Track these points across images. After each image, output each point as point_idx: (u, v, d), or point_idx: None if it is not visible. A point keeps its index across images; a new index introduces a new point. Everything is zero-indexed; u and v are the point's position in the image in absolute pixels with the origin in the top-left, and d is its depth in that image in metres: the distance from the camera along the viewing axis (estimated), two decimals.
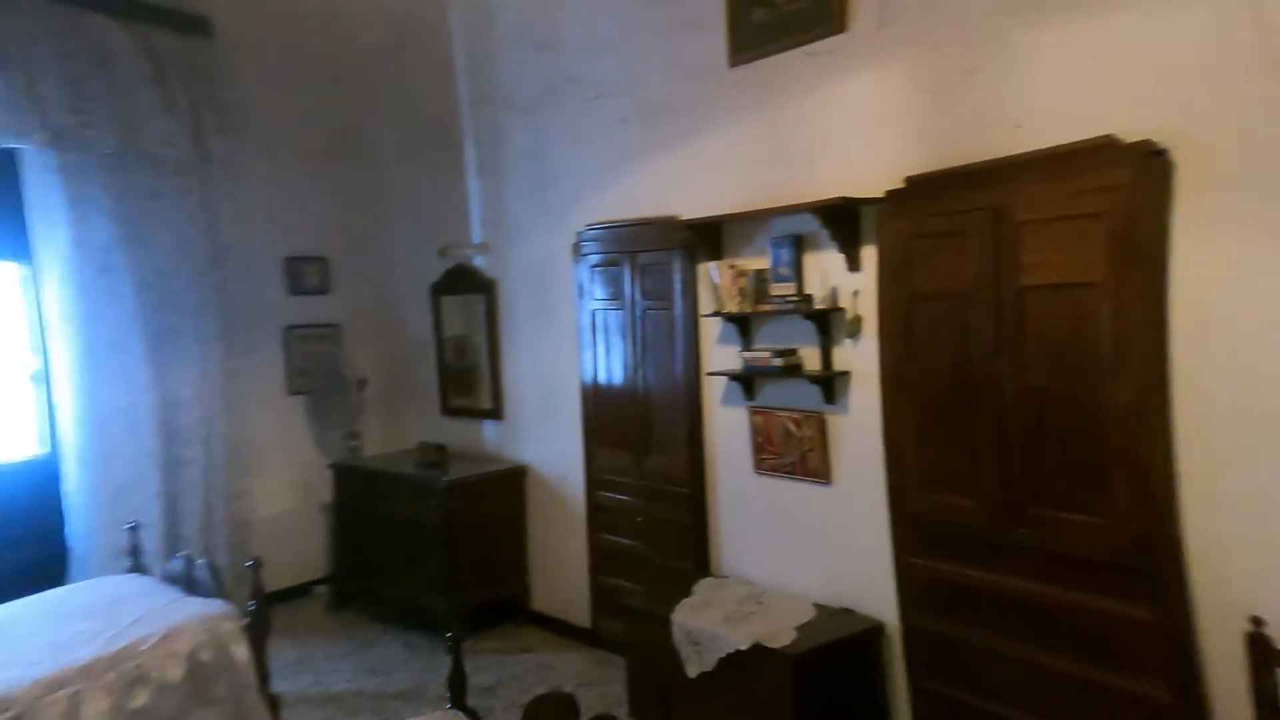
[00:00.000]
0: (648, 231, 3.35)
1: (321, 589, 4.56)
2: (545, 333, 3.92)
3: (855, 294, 2.62)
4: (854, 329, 2.64)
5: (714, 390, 3.17)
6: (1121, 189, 1.93)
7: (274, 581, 3.47)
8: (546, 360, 3.91)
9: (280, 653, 3.45)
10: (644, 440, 3.41)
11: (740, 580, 3.06)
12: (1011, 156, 2.14)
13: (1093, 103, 2.01)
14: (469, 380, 4.41)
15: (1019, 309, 2.15)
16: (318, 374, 4.60)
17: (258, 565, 2.83)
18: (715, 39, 2.91)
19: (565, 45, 3.58)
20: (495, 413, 4.24)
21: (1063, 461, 2.08)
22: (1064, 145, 2.03)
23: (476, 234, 4.26)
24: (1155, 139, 1.89)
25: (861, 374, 2.63)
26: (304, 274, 4.67)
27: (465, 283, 4.35)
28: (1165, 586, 1.91)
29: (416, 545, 3.90)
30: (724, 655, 2.54)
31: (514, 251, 4.06)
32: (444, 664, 2.27)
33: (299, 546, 4.51)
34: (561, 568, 3.86)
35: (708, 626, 2.63)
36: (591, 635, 3.68)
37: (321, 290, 4.74)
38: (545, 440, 3.96)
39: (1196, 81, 1.84)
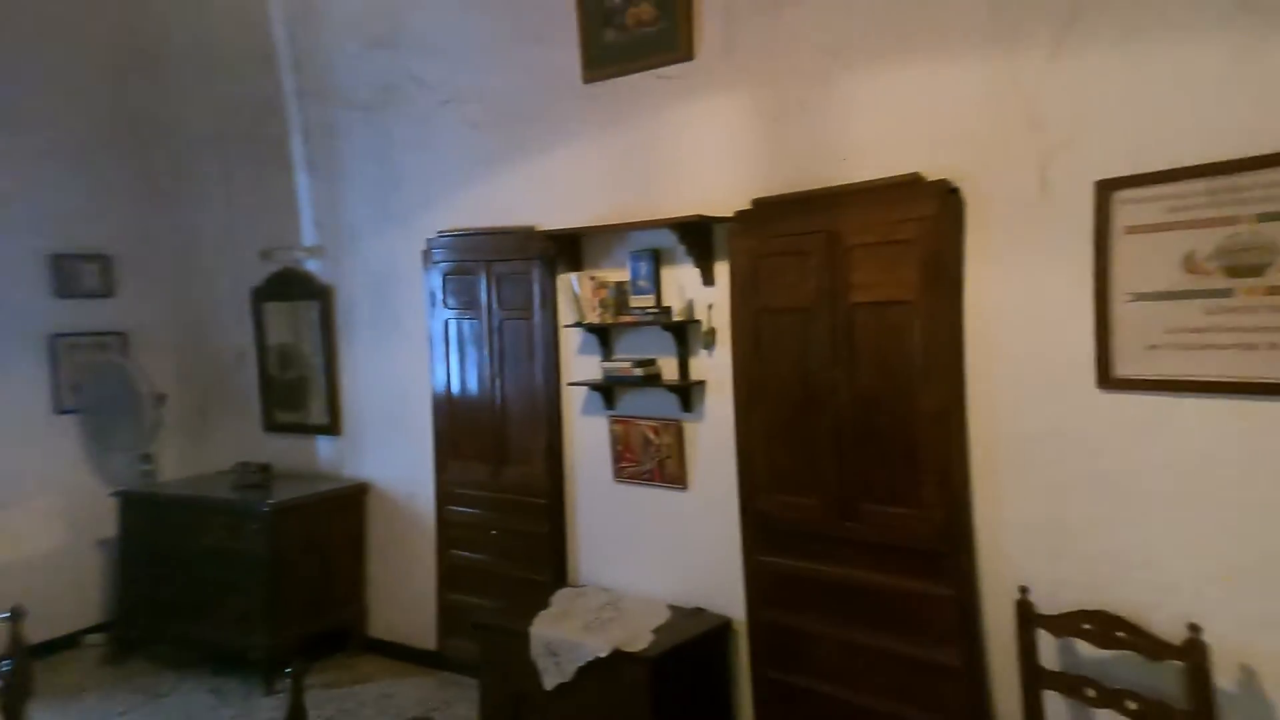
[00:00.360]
0: (505, 240, 2.98)
1: (95, 638, 3.45)
2: (392, 342, 3.34)
3: (710, 307, 2.52)
4: (709, 340, 2.53)
5: (574, 400, 2.88)
6: (928, 220, 2.00)
7: (34, 634, 2.49)
8: (393, 371, 3.33)
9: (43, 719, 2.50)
10: (500, 452, 3.01)
11: (598, 588, 2.79)
12: (841, 186, 2.16)
13: (902, 142, 2.06)
14: (298, 393, 3.62)
15: (850, 323, 2.17)
16: (96, 389, 3.48)
17: (17, 616, 1.98)
18: (569, 54, 2.67)
19: (406, 44, 3.12)
20: (331, 428, 3.52)
21: (886, 461, 2.11)
22: (881, 179, 2.07)
23: (308, 236, 3.54)
24: (950, 178, 1.98)
25: (716, 383, 2.52)
26: (77, 274, 3.54)
27: (295, 288, 3.59)
28: (959, 566, 1.98)
29: (231, 577, 3.12)
30: (583, 664, 2.29)
31: (354, 256, 3.43)
32: (263, 708, 1.70)
33: (65, 591, 3.40)
34: (405, 589, 3.29)
35: (567, 636, 2.36)
36: (437, 657, 3.16)
37: (102, 293, 3.63)
38: (390, 455, 3.36)
39: (976, 131, 1.95)
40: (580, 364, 2.84)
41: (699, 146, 2.50)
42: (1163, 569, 1.67)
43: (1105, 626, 1.68)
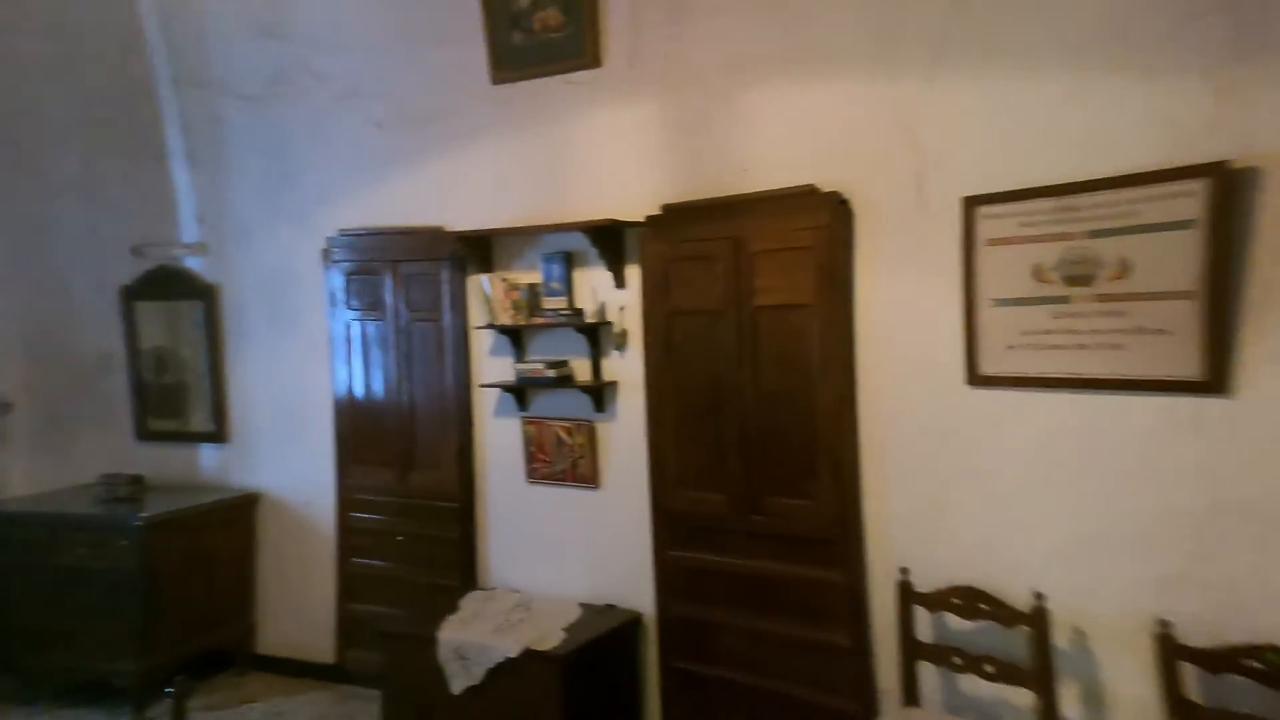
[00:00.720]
0: (412, 241, 2.90)
1: None
2: (287, 344, 3.16)
3: (622, 309, 2.57)
4: (621, 342, 2.58)
5: (486, 402, 2.84)
6: (823, 228, 2.16)
7: None
8: (290, 374, 3.16)
9: None
10: (408, 456, 2.93)
11: (509, 591, 2.77)
12: (745, 195, 2.28)
13: (798, 156, 2.20)
14: (177, 399, 3.35)
15: (755, 325, 2.29)
16: None
17: None
18: (475, 55, 2.65)
19: (298, 35, 2.98)
20: (217, 435, 3.29)
21: (788, 456, 2.24)
22: (781, 190, 2.21)
23: (189, 232, 3.29)
24: (841, 191, 2.14)
25: (628, 384, 2.57)
26: None
27: (174, 287, 3.33)
28: (850, 553, 2.14)
29: (94, 600, 2.85)
30: (493, 666, 2.29)
31: (243, 254, 3.22)
32: None
33: None
34: (301, 601, 3.14)
35: (476, 639, 2.35)
36: (337, 671, 3.04)
37: None
38: (285, 463, 3.18)
39: (863, 148, 2.12)
40: (492, 366, 2.82)
41: (609, 152, 2.55)
42: (1016, 546, 1.89)
43: (970, 600, 1.89)
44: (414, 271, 2.91)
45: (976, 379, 1.98)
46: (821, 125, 2.17)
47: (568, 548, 2.71)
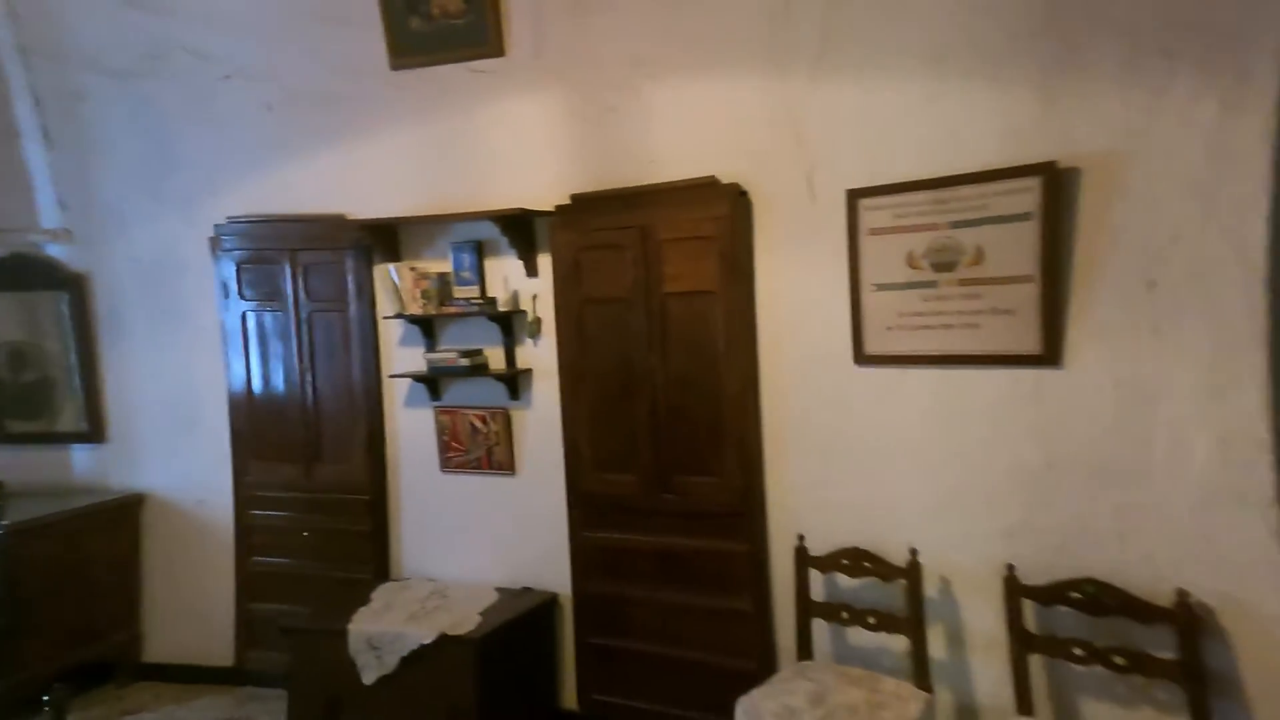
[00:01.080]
0: (312, 229, 2.82)
1: None
2: (173, 337, 3.00)
3: (534, 297, 2.62)
4: (534, 329, 2.63)
5: (397, 392, 2.82)
6: (724, 219, 2.30)
7: None
8: (176, 369, 3.00)
9: None
10: (313, 450, 2.87)
11: (424, 580, 2.78)
12: (651, 185, 2.38)
13: (701, 148, 2.33)
14: (40, 398, 3.11)
15: (664, 312, 2.41)
16: None
17: None
18: (372, 39, 2.61)
19: (172, 9, 2.84)
20: (92, 435, 3.09)
21: (696, 436, 2.38)
22: (685, 180, 2.33)
23: (49, 217, 3.03)
24: (740, 182, 2.29)
25: (543, 371, 2.63)
26: None
27: (32, 276, 3.08)
28: (754, 525, 2.31)
29: None
30: (407, 653, 2.31)
31: (118, 241, 3.03)
32: None
33: None
34: (194, 604, 3.02)
35: (389, 629, 2.37)
36: (236, 673, 2.95)
37: None
38: (173, 462, 3.03)
39: (758, 142, 2.26)
40: (402, 356, 2.79)
41: (517, 141, 2.59)
42: (894, 508, 2.12)
43: (856, 560, 2.09)
44: (315, 261, 2.83)
45: (862, 358, 2.19)
46: (720, 119, 2.31)
47: (484, 534, 2.74)
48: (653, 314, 2.41)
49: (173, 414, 3.02)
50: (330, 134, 2.78)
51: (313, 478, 2.87)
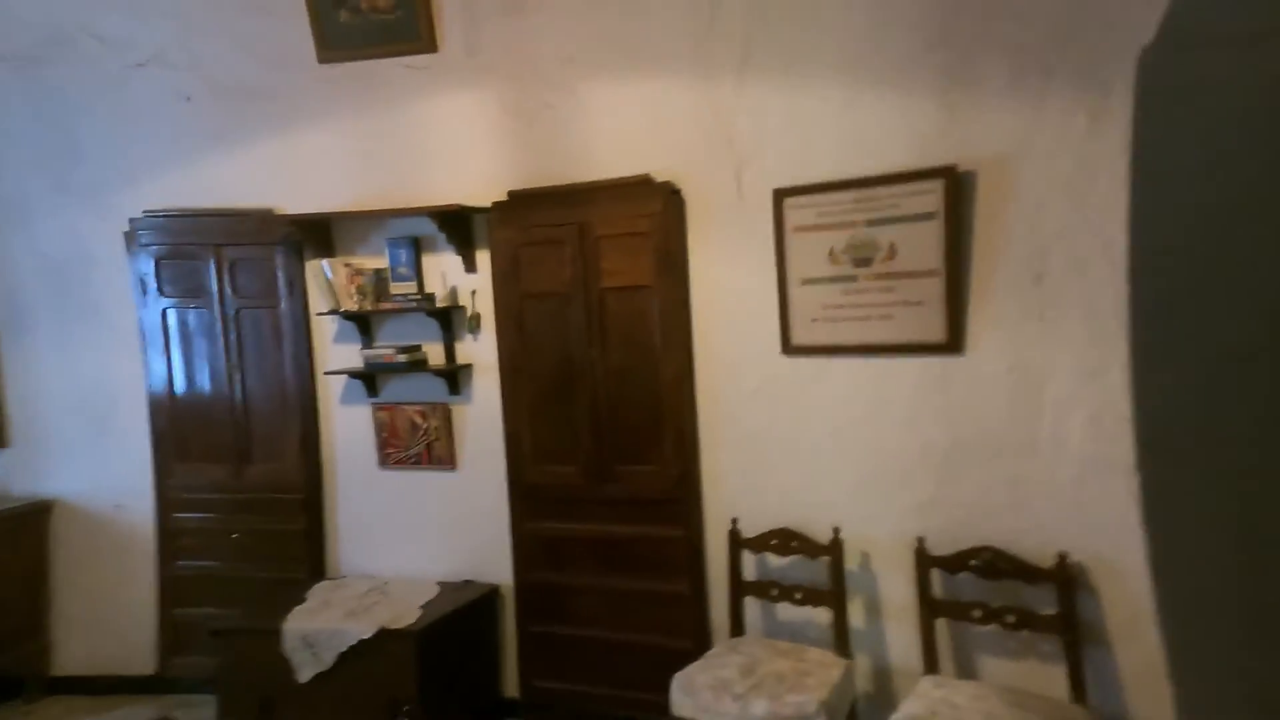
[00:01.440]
0: (238, 224, 2.77)
1: None
2: (84, 336, 2.89)
3: (474, 293, 2.66)
4: (474, 325, 2.67)
5: (332, 390, 2.80)
6: (658, 216, 2.41)
7: None
8: (88, 370, 2.90)
9: None
10: (243, 450, 2.83)
11: (363, 577, 2.78)
12: (588, 183, 2.47)
13: (635, 148, 2.43)
14: None
15: (603, 306, 2.50)
16: None
17: None
18: (299, 30, 2.60)
19: None
20: None
21: (635, 427, 2.48)
22: (619, 179, 2.42)
23: None
24: (673, 181, 2.40)
25: (483, 366, 2.67)
26: None
27: None
28: (691, 510, 2.43)
29: None
30: (345, 649, 2.34)
31: (18, 235, 2.93)
32: None
33: None
34: (111, 613, 2.93)
35: (326, 626, 2.38)
36: (157, 682, 2.89)
37: None
38: (87, 466, 2.93)
39: (690, 142, 2.38)
40: (338, 353, 2.78)
41: (453, 138, 2.62)
42: (819, 489, 2.28)
43: (785, 540, 2.24)
44: (242, 256, 2.78)
45: (790, 349, 2.34)
46: (654, 119, 2.41)
47: (425, 529, 2.77)
48: (592, 308, 2.50)
49: (84, 416, 2.91)
50: (257, 127, 2.73)
51: (243, 478, 2.83)
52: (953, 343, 2.07)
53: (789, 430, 2.33)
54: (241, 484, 2.83)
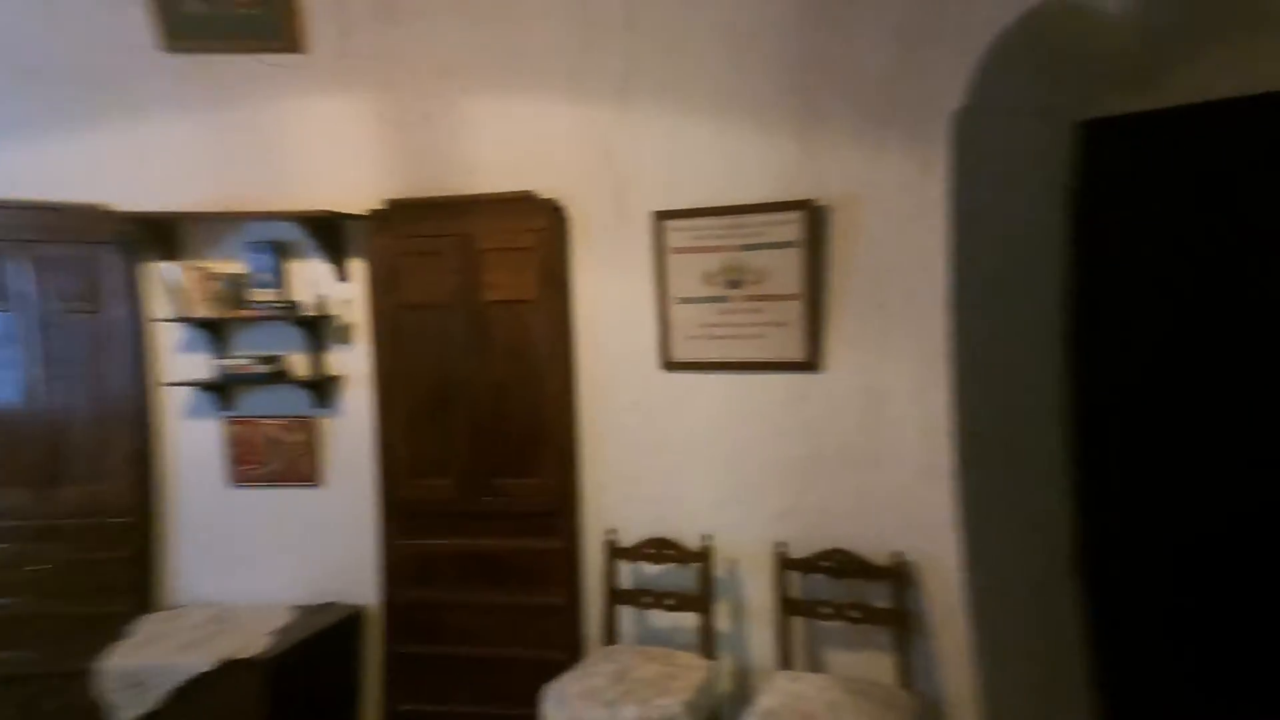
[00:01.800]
0: (56, 219, 2.51)
1: None
2: None
3: (347, 302, 2.55)
4: (345, 335, 2.56)
5: (175, 403, 2.57)
6: (542, 231, 2.44)
7: None
8: None
9: None
10: (52, 471, 2.55)
11: (202, 606, 2.59)
12: (471, 195, 2.46)
13: (519, 163, 2.45)
14: None
15: (485, 319, 2.49)
16: None
17: None
18: (137, 15, 2.40)
19: None
20: None
21: (515, 439, 2.50)
22: (503, 193, 2.44)
23: None
24: (557, 198, 2.44)
25: (355, 378, 2.57)
26: None
27: None
28: (570, 522, 2.48)
29: None
30: (179, 686, 2.18)
31: None
32: None
33: None
34: None
35: (154, 661, 2.22)
36: None
37: None
38: None
39: (572, 161, 2.42)
40: (183, 363, 2.57)
41: (323, 142, 2.51)
42: (693, 499, 2.41)
43: (659, 548, 2.35)
44: (61, 255, 2.51)
45: (668, 364, 2.45)
46: (537, 136, 2.44)
47: (283, 551, 2.63)
48: (474, 321, 2.48)
49: None
50: (83, 115, 2.49)
51: (52, 502, 2.54)
52: (812, 361, 2.27)
53: (665, 443, 2.44)
54: (50, 508, 2.54)
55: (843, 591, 2.16)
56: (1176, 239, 2.08)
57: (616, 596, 2.37)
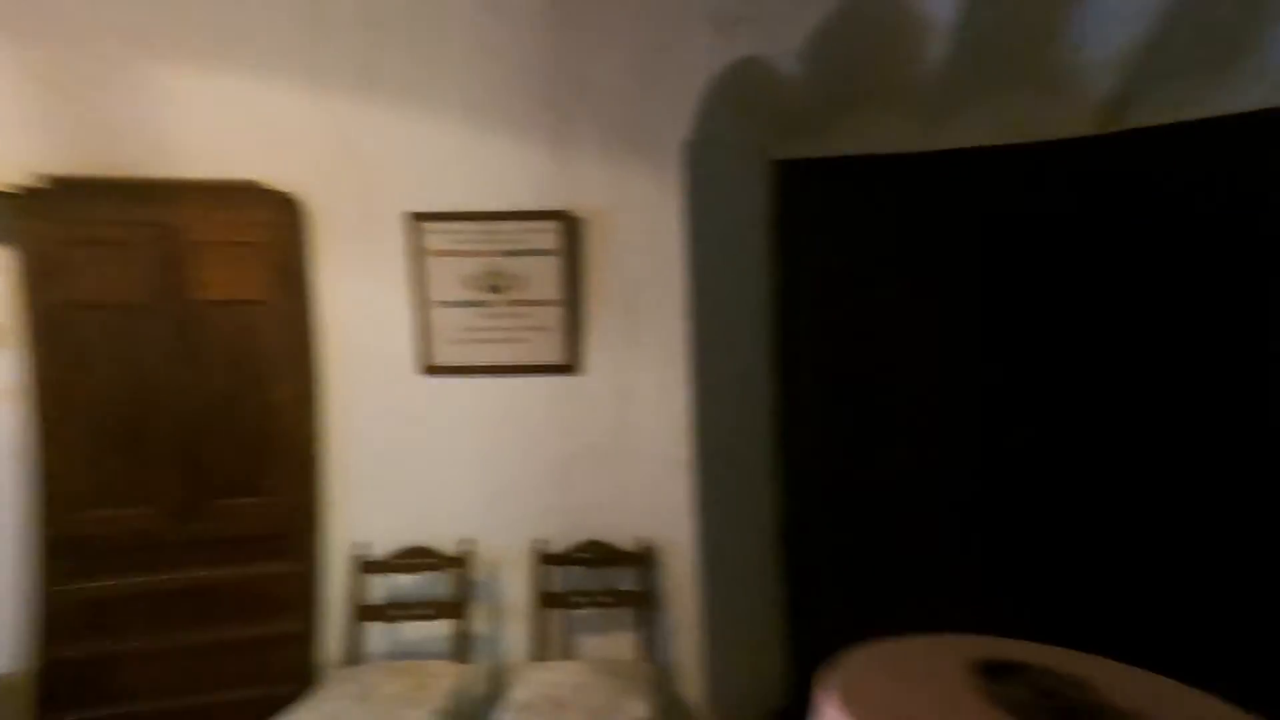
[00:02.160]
0: None
1: None
2: None
3: None
4: None
5: None
6: (272, 226, 2.23)
7: None
8: None
9: None
10: None
11: None
12: (174, 180, 2.16)
13: (237, 147, 2.22)
14: None
15: (199, 322, 2.18)
16: None
17: None
18: None
19: None
20: None
21: (239, 456, 2.22)
22: (219, 180, 2.19)
23: None
24: (291, 190, 2.26)
25: None
26: None
27: None
28: (306, 540, 2.28)
29: None
30: None
31: None
32: None
33: None
34: None
35: None
36: None
37: None
38: None
39: (310, 152, 2.28)
40: None
41: None
42: (452, 503, 2.37)
43: (416, 557, 2.26)
44: None
45: (428, 369, 2.38)
46: (264, 122, 2.25)
47: None
48: (183, 323, 2.15)
49: None
50: None
51: None
52: (572, 363, 2.40)
53: (425, 449, 2.37)
54: None
55: (597, 580, 2.30)
56: (836, 266, 2.66)
57: (363, 613, 2.21)
